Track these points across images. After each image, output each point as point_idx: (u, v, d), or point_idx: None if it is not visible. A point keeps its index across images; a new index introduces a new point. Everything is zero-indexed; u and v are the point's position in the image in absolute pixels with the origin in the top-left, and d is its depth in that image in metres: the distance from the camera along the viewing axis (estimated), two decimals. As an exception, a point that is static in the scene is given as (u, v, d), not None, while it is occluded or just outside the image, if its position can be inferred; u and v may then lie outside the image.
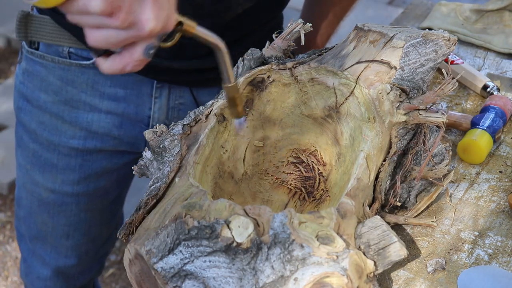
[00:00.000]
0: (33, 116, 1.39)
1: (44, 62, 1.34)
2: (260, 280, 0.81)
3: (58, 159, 1.40)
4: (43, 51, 1.34)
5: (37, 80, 1.36)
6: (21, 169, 1.48)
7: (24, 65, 1.38)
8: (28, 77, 1.37)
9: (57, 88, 1.34)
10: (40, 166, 1.42)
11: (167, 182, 0.94)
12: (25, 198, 1.50)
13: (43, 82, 1.35)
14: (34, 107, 1.38)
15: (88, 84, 1.33)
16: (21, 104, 1.42)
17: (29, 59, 1.36)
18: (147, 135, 0.99)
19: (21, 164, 1.47)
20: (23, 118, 1.42)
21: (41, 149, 1.40)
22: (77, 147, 1.37)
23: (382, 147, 0.98)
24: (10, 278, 2.45)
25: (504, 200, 1.07)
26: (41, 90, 1.36)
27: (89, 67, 1.32)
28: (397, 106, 0.98)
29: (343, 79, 1.02)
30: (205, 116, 1.01)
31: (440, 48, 1.01)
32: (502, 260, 0.97)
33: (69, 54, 1.32)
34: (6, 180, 2.75)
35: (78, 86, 1.33)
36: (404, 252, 0.86)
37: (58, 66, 1.33)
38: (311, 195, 1.05)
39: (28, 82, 1.37)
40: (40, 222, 1.49)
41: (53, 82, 1.34)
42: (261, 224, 0.84)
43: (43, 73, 1.35)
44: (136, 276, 0.89)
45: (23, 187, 1.50)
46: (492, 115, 1.18)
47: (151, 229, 0.87)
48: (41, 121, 1.38)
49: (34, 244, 1.55)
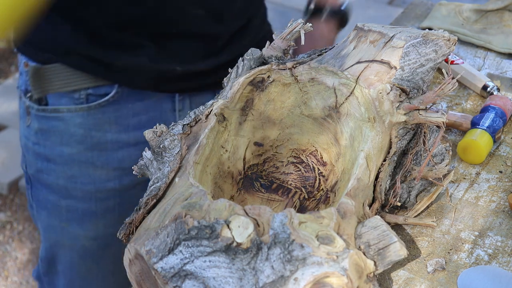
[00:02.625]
0: (59, 174, 1.32)
1: (60, 115, 1.28)
2: (260, 280, 0.81)
3: (96, 206, 1.34)
4: (55, 104, 1.28)
5: (55, 136, 1.30)
6: (54, 230, 1.40)
7: (36, 125, 1.31)
8: (43, 135, 1.31)
9: (81, 137, 1.29)
10: (79, 219, 1.35)
11: (167, 182, 0.94)
12: (63, 255, 1.42)
13: (64, 135, 1.29)
14: (58, 165, 1.32)
15: (111, 121, 1.29)
16: (40, 165, 1.34)
17: (41, 117, 1.30)
18: (147, 135, 0.99)
19: (52, 224, 1.39)
20: (46, 179, 1.34)
21: (76, 203, 1.34)
22: (114, 187, 1.33)
23: (382, 147, 0.98)
24: (10, 278, 2.45)
25: (504, 200, 1.07)
26: (62, 144, 1.30)
27: (108, 104, 1.28)
28: (397, 106, 0.98)
29: (343, 79, 1.02)
30: (205, 116, 1.01)
31: (440, 48, 1.01)
32: (502, 260, 0.97)
33: (87, 97, 1.27)
34: (6, 180, 2.75)
35: (101, 128, 1.29)
36: (404, 252, 0.86)
37: (76, 114, 1.28)
38: (311, 195, 1.05)
39: (45, 140, 1.31)
40: (84, 271, 1.43)
41: (74, 132, 1.29)
42: (261, 224, 0.84)
43: (61, 126, 1.29)
44: (136, 276, 0.89)
45: (58, 246, 1.42)
46: (492, 115, 1.18)
47: (151, 229, 0.87)
48: (70, 175, 1.32)
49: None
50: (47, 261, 1.46)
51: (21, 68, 1.33)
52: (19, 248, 2.55)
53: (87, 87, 1.27)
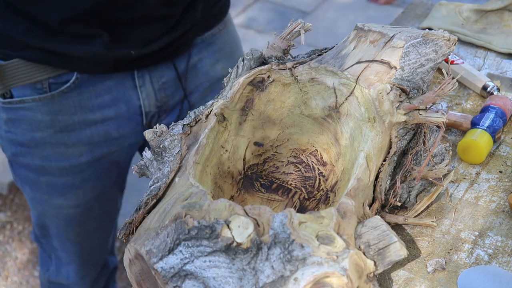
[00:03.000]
0: (34, 155, 1.40)
1: (26, 105, 1.34)
2: (260, 280, 0.81)
3: (74, 179, 1.44)
4: (20, 96, 1.34)
5: (25, 124, 1.36)
6: (37, 202, 1.50)
7: (5, 115, 1.37)
8: (14, 124, 1.37)
9: (49, 122, 1.35)
10: (59, 191, 1.45)
11: (167, 182, 0.94)
12: (50, 223, 1.55)
13: (32, 123, 1.36)
14: (31, 148, 1.39)
15: (76, 105, 1.35)
16: (15, 150, 1.42)
17: (8, 108, 1.36)
18: (147, 135, 0.99)
19: (35, 198, 1.50)
20: (22, 161, 1.42)
21: (54, 178, 1.43)
22: (87, 160, 1.41)
23: (382, 147, 0.98)
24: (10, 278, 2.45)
25: (504, 200, 1.07)
26: (32, 130, 1.36)
27: (70, 90, 1.33)
28: (397, 106, 0.98)
29: (343, 79, 1.02)
30: (205, 116, 1.01)
31: (440, 48, 1.01)
32: (502, 260, 0.97)
33: (49, 86, 1.32)
34: (6, 180, 2.75)
35: (67, 112, 1.35)
36: (404, 252, 0.86)
37: (41, 103, 1.33)
38: (311, 195, 1.05)
39: (16, 128, 1.38)
40: (72, 234, 1.57)
41: (42, 119, 1.35)
42: (261, 224, 0.84)
43: (29, 115, 1.35)
44: (136, 276, 0.89)
45: (45, 216, 1.54)
46: (492, 115, 1.18)
47: (151, 229, 0.87)
48: (44, 155, 1.39)
49: (73, 253, 1.63)
50: (39, 227, 1.60)
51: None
52: (19, 248, 2.55)
53: (47, 77, 1.32)
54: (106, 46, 1.28)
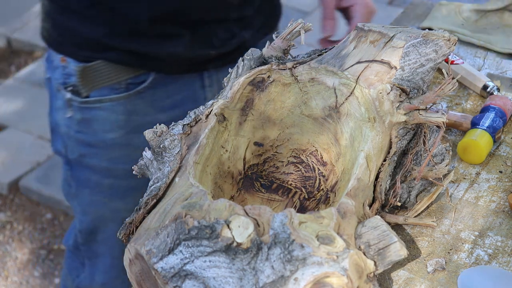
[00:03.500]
0: (102, 157, 1.41)
1: (102, 105, 1.36)
2: (260, 280, 0.81)
3: (136, 182, 1.42)
4: (97, 95, 1.35)
5: (98, 124, 1.38)
6: (95, 205, 1.50)
7: (79, 116, 1.38)
8: (86, 124, 1.38)
9: (122, 122, 1.37)
10: (120, 194, 1.45)
11: (167, 182, 0.94)
12: (104, 226, 1.53)
13: (106, 123, 1.37)
14: (100, 149, 1.40)
15: (148, 105, 1.37)
16: (83, 151, 1.42)
17: (83, 108, 1.37)
18: (147, 135, 0.99)
19: (94, 201, 1.49)
20: (88, 162, 1.43)
21: (117, 181, 1.43)
22: None
23: (382, 147, 0.98)
24: (10, 278, 2.44)
25: (504, 200, 1.07)
26: (104, 131, 1.38)
27: (146, 90, 1.35)
28: (397, 106, 0.98)
29: (343, 79, 1.02)
30: (205, 116, 1.01)
31: (440, 48, 1.01)
32: (502, 260, 0.97)
33: (127, 86, 1.34)
34: (6, 180, 2.75)
35: (140, 112, 1.37)
36: (404, 252, 0.86)
37: (118, 102, 1.35)
38: (311, 195, 1.05)
39: (87, 129, 1.39)
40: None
41: (116, 119, 1.37)
42: (261, 224, 0.84)
43: (103, 115, 1.37)
44: (136, 276, 0.89)
45: (100, 219, 1.53)
46: (492, 115, 1.18)
47: (151, 229, 0.87)
48: (112, 157, 1.40)
49: (118, 257, 1.64)
50: (87, 232, 1.56)
51: (57, 62, 1.38)
52: (19, 248, 2.55)
53: (127, 77, 1.34)
54: (187, 46, 1.31)
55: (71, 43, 1.34)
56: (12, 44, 3.52)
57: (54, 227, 2.63)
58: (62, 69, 1.37)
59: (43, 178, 2.73)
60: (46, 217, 2.66)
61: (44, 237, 2.59)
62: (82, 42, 1.32)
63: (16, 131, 2.96)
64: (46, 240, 2.58)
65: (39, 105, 3.08)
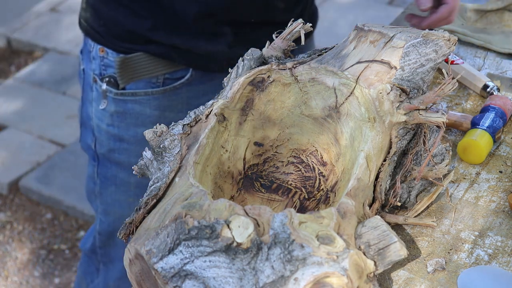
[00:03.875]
0: (131, 153, 1.40)
1: (137, 98, 1.36)
2: (260, 280, 0.81)
3: None
4: (133, 88, 1.35)
5: (131, 118, 1.38)
6: (119, 205, 1.48)
7: (113, 108, 1.38)
8: (119, 117, 1.38)
9: (155, 118, 1.37)
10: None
11: (167, 182, 0.94)
12: None
13: (139, 117, 1.37)
14: (131, 144, 1.40)
15: (183, 102, 1.37)
16: (113, 145, 1.42)
17: (118, 100, 1.37)
18: (147, 135, 0.99)
19: (119, 200, 1.48)
20: (118, 157, 1.42)
21: (145, 180, 1.42)
22: None
23: (382, 147, 0.98)
24: (10, 278, 2.45)
25: (504, 200, 1.07)
26: (137, 126, 1.37)
27: (182, 86, 1.35)
28: (397, 106, 0.98)
29: (343, 79, 1.02)
30: (205, 116, 1.01)
31: (440, 48, 1.01)
32: (502, 260, 0.97)
33: (164, 81, 1.35)
34: (6, 180, 2.75)
35: (174, 109, 1.37)
36: (404, 252, 0.86)
37: (153, 97, 1.35)
38: (311, 195, 1.05)
39: (120, 122, 1.39)
40: None
41: (150, 114, 1.37)
42: (261, 224, 0.84)
43: (138, 109, 1.37)
44: (136, 276, 0.89)
45: (121, 220, 1.50)
46: (492, 115, 1.18)
47: (151, 229, 0.87)
48: (141, 153, 1.40)
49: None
50: (107, 234, 1.54)
51: (95, 53, 1.38)
52: (19, 248, 2.55)
53: (165, 72, 1.34)
54: (229, 44, 1.32)
55: (112, 34, 1.34)
56: (12, 44, 3.52)
57: (54, 227, 2.63)
58: (100, 60, 1.38)
59: (43, 178, 2.73)
60: (46, 217, 2.66)
61: (44, 237, 2.59)
62: (124, 34, 1.33)
63: (16, 131, 2.96)
64: (46, 240, 2.58)
65: (39, 105, 3.08)
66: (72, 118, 2.97)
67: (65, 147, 2.86)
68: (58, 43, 3.45)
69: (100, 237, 1.57)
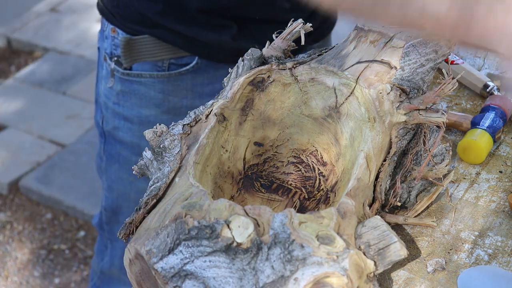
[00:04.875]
0: (134, 132, 1.42)
1: (142, 79, 1.38)
2: (260, 280, 0.81)
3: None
4: (139, 70, 1.37)
5: (135, 99, 1.40)
6: (122, 182, 1.51)
7: (119, 87, 1.41)
8: (125, 97, 1.41)
9: (159, 101, 1.39)
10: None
11: (167, 182, 0.94)
12: (126, 207, 1.54)
13: (143, 98, 1.39)
14: (134, 124, 1.42)
15: (188, 88, 1.38)
16: (117, 123, 1.44)
17: (124, 80, 1.39)
18: (147, 135, 0.99)
19: (121, 177, 1.50)
20: (122, 136, 1.45)
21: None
22: None
23: (382, 147, 0.98)
24: (10, 278, 2.45)
25: (504, 200, 1.07)
26: (141, 106, 1.40)
27: (187, 73, 1.37)
28: (397, 106, 0.98)
29: (343, 79, 1.02)
30: (205, 116, 1.01)
31: (440, 48, 1.01)
32: (502, 260, 0.97)
33: (169, 66, 1.36)
34: (6, 180, 2.75)
35: (178, 94, 1.38)
36: (404, 252, 0.86)
37: (158, 80, 1.37)
38: (311, 195, 1.05)
39: (125, 101, 1.41)
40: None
41: (154, 96, 1.38)
42: (261, 224, 0.84)
43: (142, 90, 1.39)
44: (136, 276, 0.89)
45: (123, 197, 1.54)
46: (492, 115, 1.18)
47: (151, 229, 0.87)
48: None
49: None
50: (111, 210, 1.58)
51: (107, 32, 1.41)
52: (19, 248, 2.55)
53: (171, 57, 1.36)
54: (233, 36, 1.33)
55: (123, 15, 1.36)
56: (12, 44, 3.52)
57: (54, 227, 2.63)
58: (112, 40, 1.40)
59: (43, 178, 2.73)
60: (46, 217, 2.66)
61: (44, 237, 2.59)
62: (133, 16, 1.35)
63: (16, 131, 2.96)
64: (46, 240, 2.58)
65: (39, 105, 3.09)
66: (72, 118, 2.97)
67: (65, 147, 2.86)
68: (58, 43, 3.45)
69: (106, 212, 1.60)
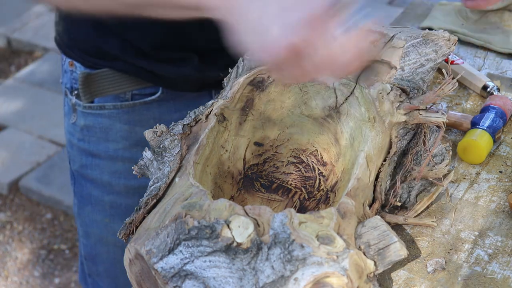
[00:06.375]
0: (104, 168, 1.36)
1: (106, 112, 1.32)
2: (260, 280, 0.81)
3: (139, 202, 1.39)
4: (101, 102, 1.32)
5: (101, 132, 1.34)
6: (97, 226, 1.43)
7: (82, 122, 1.35)
8: (89, 132, 1.35)
9: (126, 132, 1.33)
10: (122, 214, 1.37)
11: (167, 182, 0.94)
12: (105, 252, 1.45)
13: (109, 131, 1.33)
14: (102, 159, 1.36)
15: (155, 117, 1.33)
16: (85, 161, 1.38)
17: (87, 114, 1.34)
18: (147, 135, 0.99)
19: (96, 220, 1.42)
20: (90, 174, 1.38)
21: (119, 198, 1.38)
22: None
23: (382, 147, 0.98)
24: (10, 278, 2.45)
25: (504, 200, 1.07)
26: (107, 140, 1.34)
27: (152, 102, 1.32)
28: (397, 106, 0.98)
29: (343, 79, 1.02)
30: (205, 116, 1.01)
31: (440, 48, 1.01)
32: (502, 260, 0.97)
33: (132, 96, 1.31)
34: (6, 180, 2.75)
35: (145, 124, 1.31)
36: (404, 252, 0.86)
37: (122, 110, 1.32)
38: (311, 195, 1.05)
39: (90, 136, 1.35)
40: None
41: (120, 128, 1.33)
42: (261, 224, 0.84)
43: (107, 123, 1.33)
44: (136, 276, 0.89)
45: (100, 242, 1.45)
46: (492, 115, 1.18)
47: (151, 229, 0.87)
48: (113, 170, 1.35)
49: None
50: (91, 259, 1.48)
51: (66, 66, 1.36)
52: (19, 248, 2.55)
53: (133, 89, 1.31)
54: (196, 68, 1.29)
55: (79, 48, 1.32)
56: (12, 44, 3.52)
57: (54, 227, 2.63)
58: (70, 74, 1.35)
59: (43, 178, 2.73)
60: (46, 217, 2.66)
61: (44, 237, 2.59)
62: (92, 50, 1.30)
63: (16, 131, 2.96)
64: (46, 240, 2.58)
65: (39, 105, 3.08)
66: (72, 118, 2.97)
67: (65, 147, 2.86)
68: (58, 43, 3.45)
69: (87, 262, 1.51)
